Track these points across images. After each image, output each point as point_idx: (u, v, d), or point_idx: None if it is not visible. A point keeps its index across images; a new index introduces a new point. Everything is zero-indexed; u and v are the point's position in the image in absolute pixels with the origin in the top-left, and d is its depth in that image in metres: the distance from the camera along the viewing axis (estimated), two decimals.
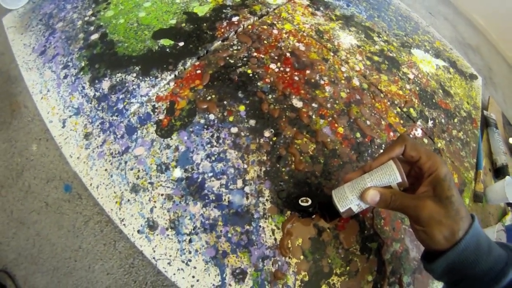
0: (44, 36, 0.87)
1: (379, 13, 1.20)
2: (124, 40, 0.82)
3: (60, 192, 0.82)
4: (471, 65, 1.31)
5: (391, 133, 0.83)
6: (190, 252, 0.59)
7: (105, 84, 0.75)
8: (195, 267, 0.58)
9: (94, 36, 0.84)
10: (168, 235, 0.60)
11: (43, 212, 0.81)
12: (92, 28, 0.86)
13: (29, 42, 0.86)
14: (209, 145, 0.67)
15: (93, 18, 0.88)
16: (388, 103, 0.88)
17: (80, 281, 0.76)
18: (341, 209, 0.55)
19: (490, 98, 1.40)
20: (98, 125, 0.70)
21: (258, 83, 0.77)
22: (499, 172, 1.21)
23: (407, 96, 0.93)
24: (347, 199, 0.54)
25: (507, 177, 1.06)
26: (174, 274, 0.57)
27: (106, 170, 0.65)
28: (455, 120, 1.00)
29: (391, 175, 0.50)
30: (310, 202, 0.63)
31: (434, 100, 0.99)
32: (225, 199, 0.63)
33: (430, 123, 0.92)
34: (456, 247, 0.45)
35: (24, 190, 0.83)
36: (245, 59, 0.80)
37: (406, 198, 0.49)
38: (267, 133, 0.70)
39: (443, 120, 0.97)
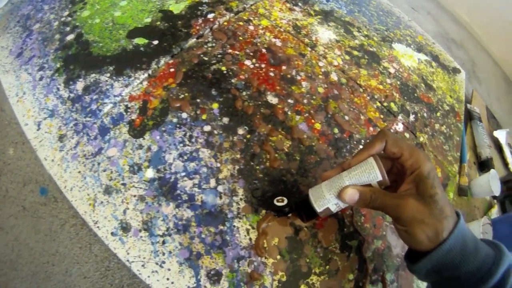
0: (21, 38, 0.85)
1: (360, 8, 1.19)
2: (99, 40, 0.81)
3: (37, 196, 0.80)
4: (455, 59, 1.31)
5: (371, 128, 0.81)
6: (163, 254, 0.57)
7: (79, 85, 0.73)
8: (169, 269, 0.56)
9: (70, 37, 0.82)
10: (141, 237, 0.58)
11: (20, 216, 0.80)
12: (68, 28, 0.85)
13: (6, 45, 0.85)
14: (181, 144, 0.66)
15: (69, 18, 0.87)
16: (368, 97, 0.87)
17: (58, 285, 0.74)
18: (318, 209, 0.52)
19: (474, 91, 1.40)
20: (72, 127, 0.68)
21: (232, 80, 0.75)
22: (483, 165, 1.21)
23: (387, 91, 0.92)
24: (324, 199, 0.51)
25: (491, 170, 1.06)
26: (149, 276, 0.56)
27: (79, 172, 0.63)
28: (438, 114, 0.99)
29: (370, 173, 0.48)
30: (285, 201, 0.61)
31: (415, 94, 0.98)
32: (198, 199, 0.62)
33: (411, 117, 0.91)
34: (440, 248, 0.43)
35: (2, 195, 0.82)
36: (219, 56, 0.79)
37: (387, 197, 0.46)
38: (241, 131, 0.69)
39: (425, 114, 0.96)
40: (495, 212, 1.17)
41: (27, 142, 0.71)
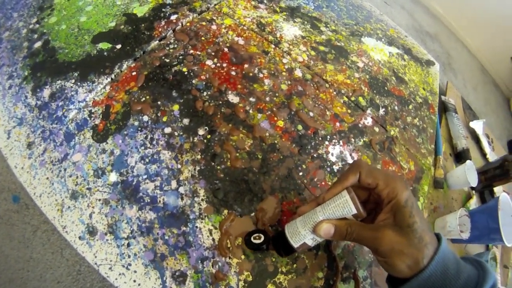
0: None
1: (328, 3, 1.19)
2: (65, 46, 0.81)
3: (10, 204, 0.82)
4: (430, 52, 1.31)
5: (337, 123, 0.82)
6: (129, 256, 0.58)
7: (46, 92, 0.74)
8: (135, 271, 0.57)
9: (37, 44, 0.83)
10: (107, 240, 0.59)
11: None
12: (35, 36, 0.85)
13: None
14: (143, 147, 0.67)
15: (37, 25, 0.88)
16: (334, 93, 0.87)
17: None
18: (295, 244, 0.52)
19: (448, 83, 1.39)
20: (39, 134, 0.69)
21: (193, 81, 0.76)
22: (460, 157, 1.22)
23: (355, 85, 0.93)
24: (300, 234, 0.51)
25: (467, 161, 1.06)
26: (116, 279, 0.57)
27: (47, 178, 0.64)
28: (410, 107, 0.99)
29: (345, 207, 0.47)
30: (262, 238, 0.61)
31: (386, 88, 0.98)
32: (160, 201, 0.63)
33: (381, 111, 0.92)
34: (420, 275, 0.42)
35: None
36: (181, 57, 0.80)
37: (363, 229, 0.45)
38: (201, 131, 0.70)
39: (396, 107, 0.96)
40: (473, 203, 1.17)
41: None
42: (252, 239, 0.61)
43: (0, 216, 0.80)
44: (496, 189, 1.25)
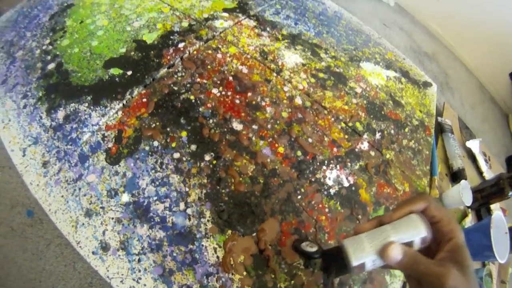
0: (5, 65, 0.94)
1: (329, 29, 1.28)
2: (77, 70, 0.90)
3: (24, 217, 0.89)
4: (427, 73, 1.39)
5: (335, 149, 0.91)
6: (139, 271, 0.67)
7: (60, 114, 0.83)
8: (145, 285, 0.66)
9: (51, 66, 0.92)
10: (119, 255, 0.68)
11: (9, 236, 0.88)
12: (49, 57, 0.94)
13: None
14: (153, 171, 0.75)
15: (50, 47, 0.96)
16: (332, 119, 0.97)
17: None
18: (355, 262, 0.47)
19: (445, 103, 1.48)
20: (54, 154, 0.78)
21: (200, 109, 0.85)
22: (455, 177, 1.29)
23: (353, 111, 1.02)
24: (364, 251, 0.46)
25: (462, 181, 1.14)
26: None
27: (62, 196, 0.73)
28: (406, 130, 1.08)
29: (416, 228, 0.45)
30: (315, 248, 0.62)
31: (383, 112, 1.07)
32: (169, 221, 0.71)
33: (378, 135, 1.00)
34: None
35: None
36: (188, 85, 0.89)
37: (430, 263, 0.44)
38: (207, 157, 0.79)
39: (392, 131, 1.05)
40: (469, 220, 1.25)
41: (14, 167, 0.80)
42: (305, 246, 0.64)
43: (14, 229, 0.88)
44: (493, 206, 1.33)
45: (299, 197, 0.81)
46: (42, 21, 1.04)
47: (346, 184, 0.87)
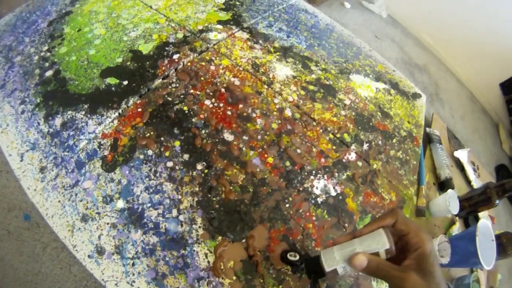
0: (4, 70, 0.99)
1: (320, 41, 1.34)
2: (75, 78, 0.94)
3: (20, 221, 0.92)
4: (417, 84, 1.45)
5: (322, 159, 0.96)
6: (134, 274, 0.71)
7: (58, 121, 0.87)
8: (138, 287, 0.70)
9: (49, 73, 0.96)
10: (114, 259, 0.72)
11: (5, 239, 0.91)
12: (47, 64, 0.98)
13: None
14: (147, 179, 0.80)
15: (48, 54, 1.01)
16: (321, 130, 1.02)
17: None
18: (327, 268, 0.60)
19: (434, 114, 1.54)
20: (51, 160, 0.82)
21: (193, 119, 0.90)
22: (443, 186, 1.35)
23: (341, 122, 1.07)
24: (334, 260, 0.59)
25: (449, 190, 1.20)
26: None
27: (59, 201, 0.77)
28: (394, 141, 1.13)
29: (379, 241, 0.55)
30: (298, 257, 0.75)
31: (371, 123, 1.13)
32: (162, 227, 0.76)
33: (365, 146, 1.06)
34: None
35: None
36: (182, 96, 0.94)
37: (392, 269, 0.54)
38: (199, 166, 0.84)
39: (380, 142, 1.10)
40: (456, 228, 1.30)
41: (11, 171, 0.84)
42: (288, 256, 0.75)
43: (11, 232, 0.91)
44: (481, 214, 1.38)
45: (287, 205, 0.85)
46: (41, 27, 1.08)
47: (333, 193, 0.92)
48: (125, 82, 0.94)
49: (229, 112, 0.94)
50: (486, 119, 2.60)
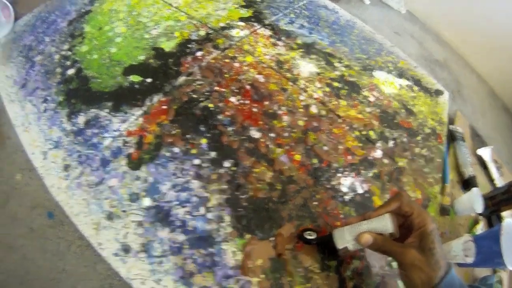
0: (24, 69, 1.00)
1: (342, 38, 1.33)
2: (97, 76, 0.95)
3: (44, 219, 0.92)
4: (438, 81, 1.43)
5: (349, 157, 0.96)
6: (160, 273, 0.71)
7: (81, 119, 0.88)
8: (165, 286, 0.70)
9: (71, 71, 0.97)
10: (140, 257, 0.72)
11: (29, 237, 0.91)
12: (68, 63, 0.99)
13: (10, 74, 0.99)
14: (174, 176, 0.80)
15: (69, 52, 1.01)
16: (347, 127, 1.02)
17: None
18: (339, 246, 0.67)
19: (458, 112, 1.53)
20: (75, 158, 0.83)
21: (219, 117, 0.90)
22: (467, 184, 1.32)
23: (366, 119, 1.07)
24: (345, 239, 0.66)
25: (473, 188, 1.18)
26: None
27: (84, 199, 0.77)
28: (418, 138, 1.13)
29: (384, 225, 0.61)
30: (314, 235, 0.77)
31: (395, 121, 1.12)
32: (189, 225, 0.76)
33: (391, 144, 1.05)
34: None
35: (11, 217, 0.93)
36: (207, 93, 0.94)
37: (394, 245, 0.60)
38: (227, 164, 0.84)
39: (405, 139, 1.09)
40: (480, 228, 1.28)
41: (34, 169, 0.85)
42: (305, 234, 0.77)
43: (35, 230, 0.92)
44: (504, 213, 1.36)
45: (315, 203, 0.85)
46: (60, 27, 1.09)
47: (360, 191, 0.92)
48: (149, 80, 0.94)
49: (255, 109, 0.94)
50: (507, 115, 2.57)
